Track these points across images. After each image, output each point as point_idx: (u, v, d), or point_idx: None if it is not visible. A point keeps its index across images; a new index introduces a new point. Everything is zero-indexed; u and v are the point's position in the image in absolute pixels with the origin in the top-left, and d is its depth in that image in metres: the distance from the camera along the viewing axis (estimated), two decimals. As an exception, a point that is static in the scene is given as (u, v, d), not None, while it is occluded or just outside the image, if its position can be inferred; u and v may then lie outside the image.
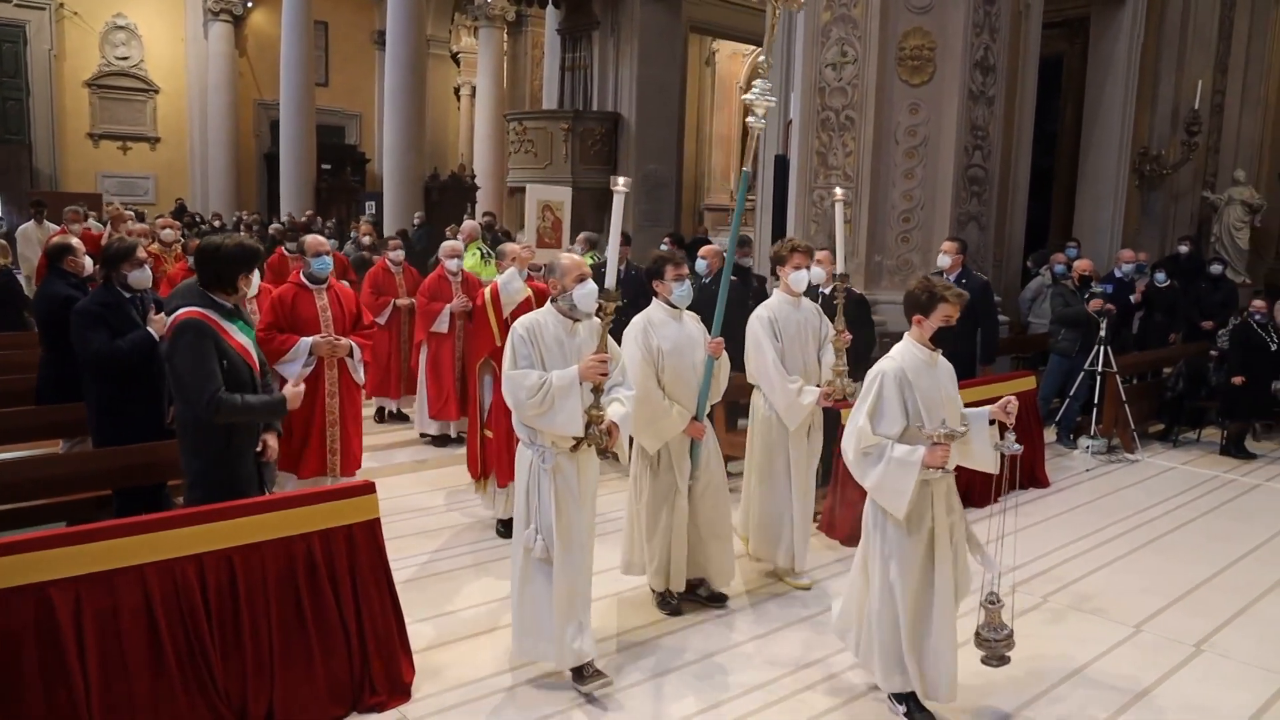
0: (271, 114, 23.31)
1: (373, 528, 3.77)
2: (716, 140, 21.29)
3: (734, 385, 6.84)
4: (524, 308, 6.65)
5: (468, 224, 9.98)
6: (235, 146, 23.69)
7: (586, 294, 3.88)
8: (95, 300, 4.60)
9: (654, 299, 4.68)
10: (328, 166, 22.34)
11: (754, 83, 4.49)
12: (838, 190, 5.18)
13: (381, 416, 8.29)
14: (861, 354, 6.55)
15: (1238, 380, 8.08)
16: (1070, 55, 13.25)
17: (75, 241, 5.41)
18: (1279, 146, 13.46)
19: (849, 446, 3.68)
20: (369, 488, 3.80)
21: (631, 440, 4.32)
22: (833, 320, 5.07)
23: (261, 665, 3.45)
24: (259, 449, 3.94)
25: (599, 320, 3.89)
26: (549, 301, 4.00)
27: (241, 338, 3.83)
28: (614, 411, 3.83)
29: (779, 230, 10.60)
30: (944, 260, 7.45)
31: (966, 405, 3.78)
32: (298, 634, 3.54)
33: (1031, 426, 7.04)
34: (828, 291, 6.25)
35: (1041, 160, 11.55)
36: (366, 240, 11.74)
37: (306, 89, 20.09)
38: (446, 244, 7.89)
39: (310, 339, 5.34)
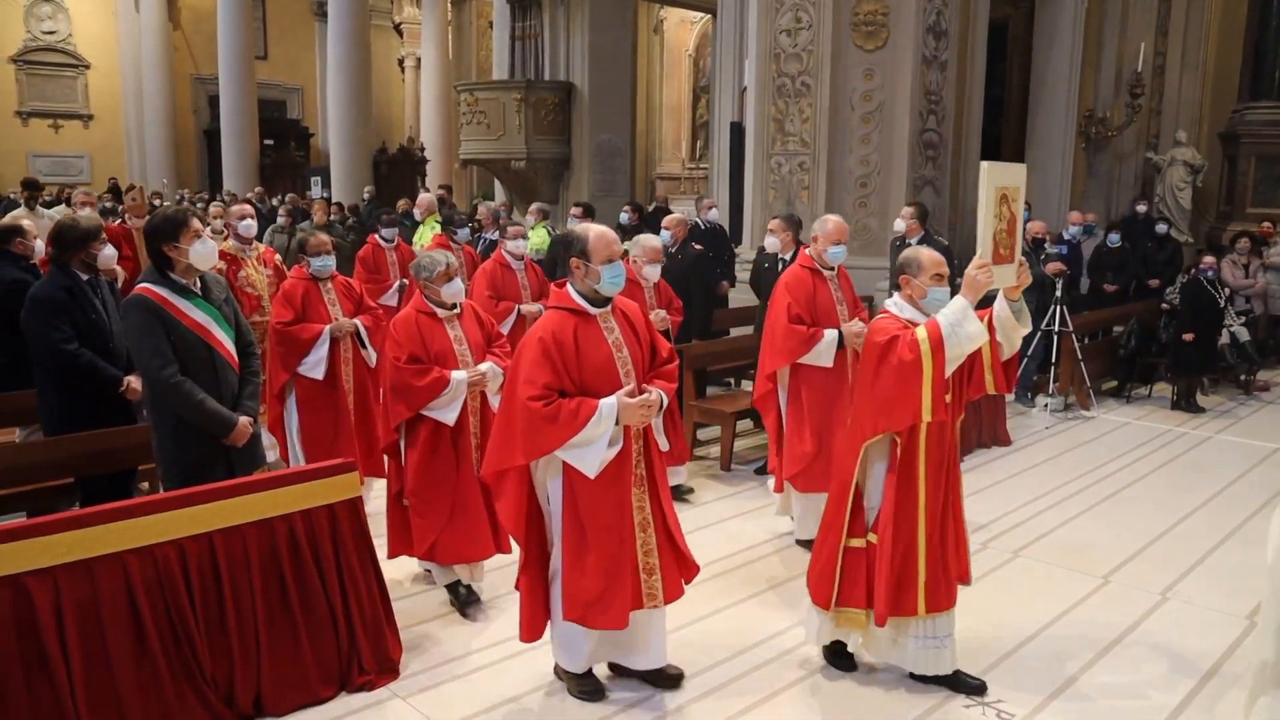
0: (210, 89, 22.69)
1: (355, 505, 3.71)
2: (666, 109, 21.22)
3: (706, 353, 6.89)
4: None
5: (424, 197, 9.86)
6: (173, 123, 23.02)
7: None
8: (56, 285, 4.35)
9: None
10: (270, 142, 21.83)
11: None
12: None
13: None
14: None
15: (1188, 337, 8.31)
16: (1015, 20, 13.36)
17: (27, 223, 5.20)
18: (1218, 108, 13.76)
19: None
20: (349, 466, 3.75)
21: None
22: None
23: (248, 648, 3.40)
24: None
25: None
26: None
27: (197, 315, 3.72)
28: None
29: (736, 198, 10.62)
30: (900, 225, 7.51)
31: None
32: (283, 615, 3.49)
33: (992, 386, 7.15)
34: (787, 258, 6.24)
35: (989, 125, 11.67)
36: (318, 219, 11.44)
37: (246, 62, 19.58)
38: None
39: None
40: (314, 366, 5.06)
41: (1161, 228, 10.77)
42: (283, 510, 3.51)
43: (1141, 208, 11.40)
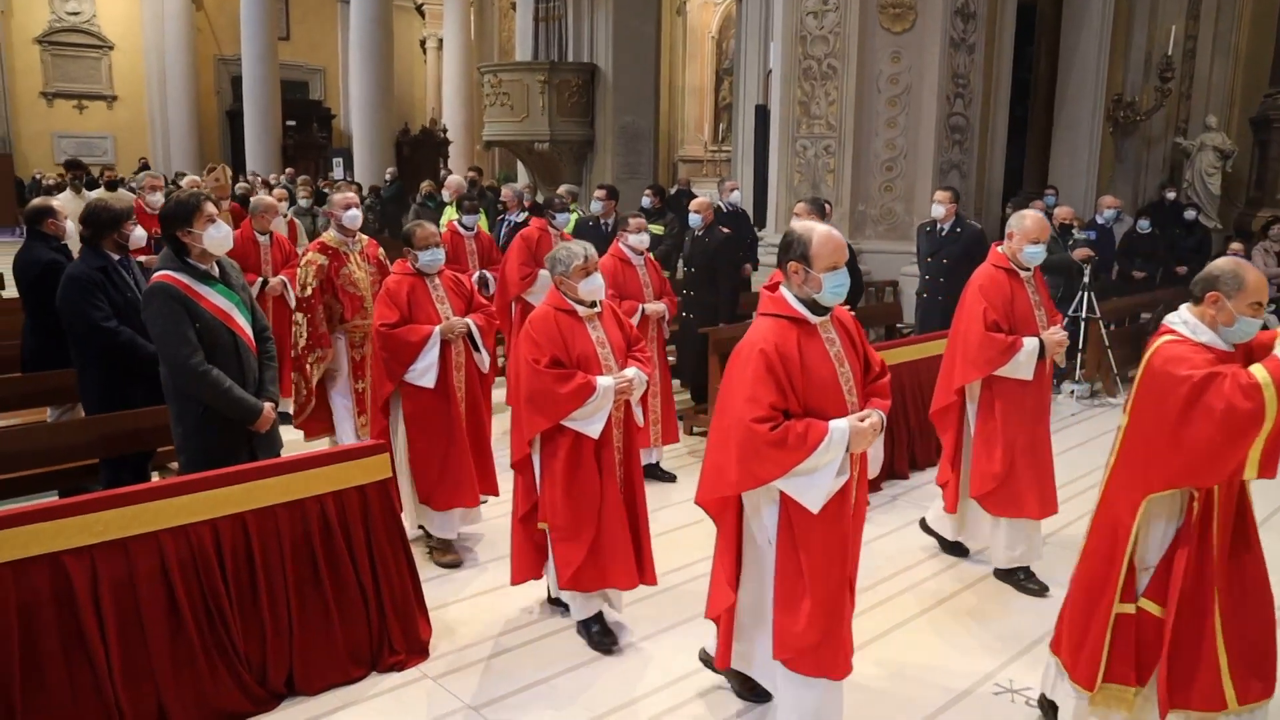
0: (232, 70, 22.79)
1: (385, 487, 3.74)
2: (689, 91, 21.06)
3: (733, 337, 6.86)
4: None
5: (453, 179, 9.84)
6: (196, 104, 23.14)
7: None
8: (90, 264, 4.38)
9: None
10: (292, 123, 21.91)
11: None
12: None
13: None
14: (847, 304, 6.54)
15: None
16: (1043, 2, 13.20)
17: (56, 203, 5.23)
18: (1249, 93, 13.54)
19: None
20: (380, 448, 3.77)
21: None
22: None
23: (280, 628, 3.44)
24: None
25: None
26: None
27: (219, 300, 3.71)
28: None
29: (760, 181, 10.57)
30: (938, 210, 7.43)
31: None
32: (315, 595, 3.53)
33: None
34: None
35: (1016, 108, 11.55)
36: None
37: (269, 44, 19.64)
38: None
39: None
40: (424, 373, 4.46)
41: (1190, 214, 10.66)
42: (314, 491, 3.54)
43: (1170, 194, 11.29)
